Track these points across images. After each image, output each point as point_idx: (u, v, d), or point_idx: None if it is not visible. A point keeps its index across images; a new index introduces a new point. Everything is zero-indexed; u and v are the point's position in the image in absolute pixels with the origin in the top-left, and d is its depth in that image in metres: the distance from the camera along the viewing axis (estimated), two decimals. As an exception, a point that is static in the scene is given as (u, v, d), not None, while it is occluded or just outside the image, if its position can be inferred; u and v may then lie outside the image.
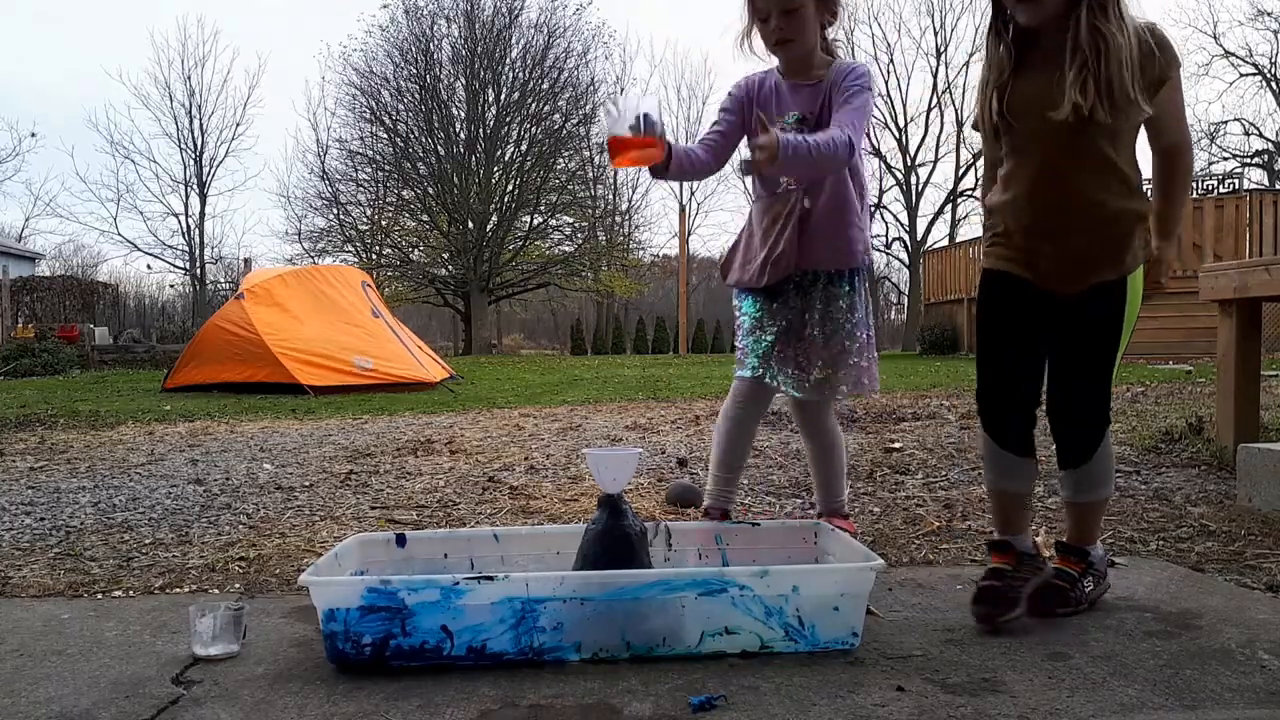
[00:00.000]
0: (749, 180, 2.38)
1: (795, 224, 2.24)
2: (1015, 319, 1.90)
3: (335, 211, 27.61)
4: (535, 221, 28.46)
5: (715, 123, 2.32)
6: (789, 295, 2.31)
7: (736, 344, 2.42)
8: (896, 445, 4.19)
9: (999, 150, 1.91)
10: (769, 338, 2.31)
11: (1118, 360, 1.88)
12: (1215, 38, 28.13)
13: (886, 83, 30.61)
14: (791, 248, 2.25)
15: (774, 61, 2.32)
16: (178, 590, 2.19)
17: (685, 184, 36.26)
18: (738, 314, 2.41)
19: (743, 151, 2.31)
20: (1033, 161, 1.82)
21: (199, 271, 28.61)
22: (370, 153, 27.46)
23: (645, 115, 1.96)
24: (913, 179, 30.59)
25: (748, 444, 2.45)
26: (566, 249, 28.92)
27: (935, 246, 25.79)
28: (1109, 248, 1.82)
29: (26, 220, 35.92)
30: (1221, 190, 13.99)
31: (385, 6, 27.65)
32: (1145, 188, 1.87)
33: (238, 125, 31.33)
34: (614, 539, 1.80)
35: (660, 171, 2.07)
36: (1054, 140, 1.77)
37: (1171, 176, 1.87)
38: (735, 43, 2.29)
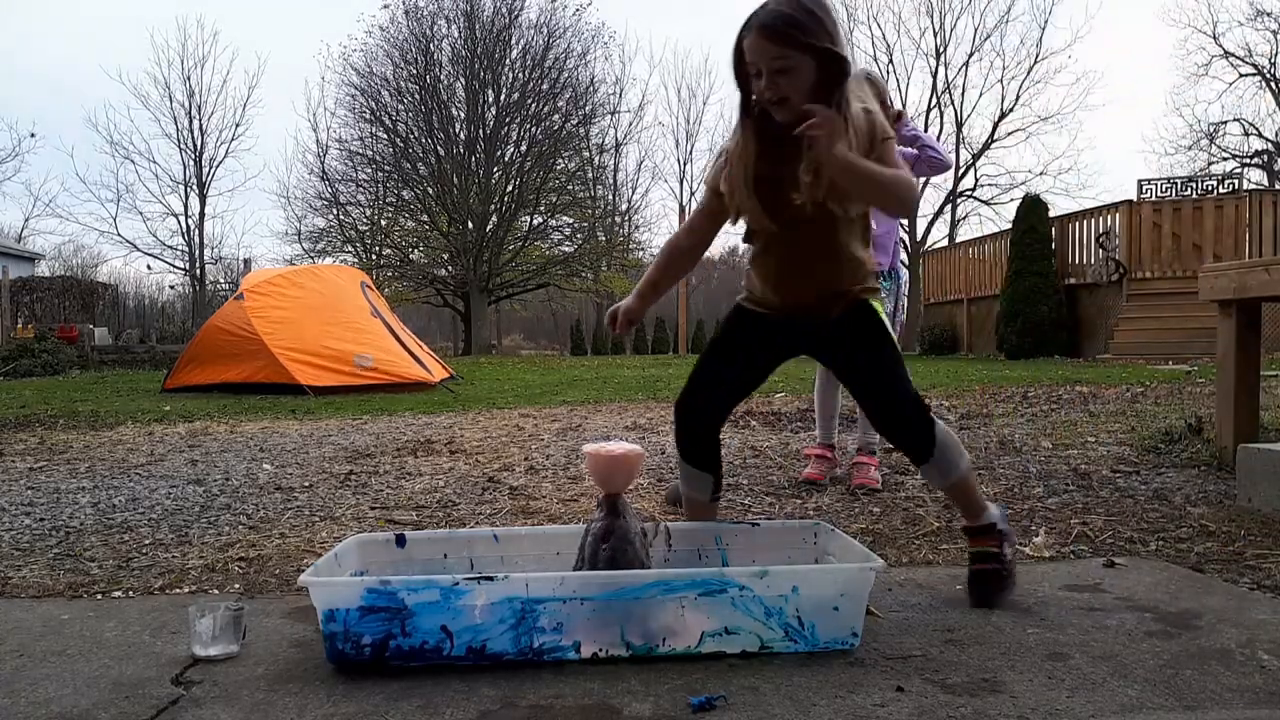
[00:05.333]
0: None
1: None
2: None
3: (335, 212, 27.62)
4: (535, 222, 28.47)
5: None
6: None
7: None
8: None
9: None
10: None
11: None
12: (1215, 38, 28.11)
13: (886, 83, 30.59)
14: None
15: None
16: (177, 590, 2.19)
17: (684, 183, 36.26)
18: None
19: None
20: None
21: (199, 272, 28.63)
22: (370, 153, 27.47)
23: None
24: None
25: (834, 398, 3.57)
26: (566, 249, 28.93)
27: (935, 247, 25.79)
28: None
29: (26, 220, 35.93)
30: (1221, 190, 13.98)
31: (385, 6, 27.77)
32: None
33: (237, 126, 31.46)
34: (614, 539, 1.80)
35: None
36: None
37: None
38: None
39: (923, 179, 3.55)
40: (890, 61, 29.58)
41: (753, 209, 1.94)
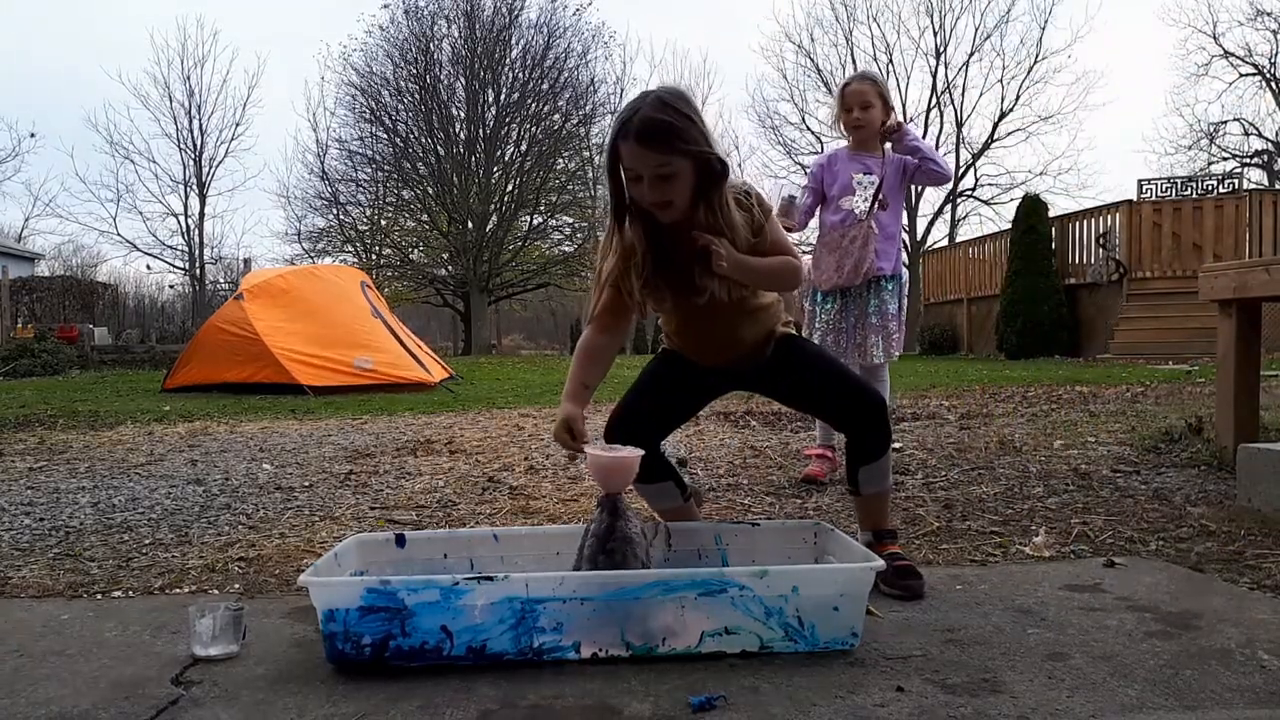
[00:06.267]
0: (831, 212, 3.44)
1: (870, 244, 3.32)
2: None
3: (335, 211, 27.58)
4: (535, 221, 28.43)
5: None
6: (852, 296, 3.40)
7: (812, 333, 3.47)
8: (896, 445, 4.19)
9: None
10: (843, 325, 3.41)
11: None
12: (1215, 38, 28.02)
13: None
14: (870, 259, 3.33)
15: (842, 140, 3.47)
16: (177, 590, 2.19)
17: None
18: (814, 311, 3.48)
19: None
20: None
21: (199, 272, 28.59)
22: (370, 153, 27.44)
23: (791, 197, 3.31)
24: (912, 179, 30.43)
25: None
26: (566, 249, 28.89)
27: (935, 246, 25.77)
28: None
29: (26, 220, 35.86)
30: (1221, 190, 13.98)
31: (385, 6, 27.62)
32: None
33: (237, 125, 31.28)
34: (614, 539, 1.80)
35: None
36: None
37: None
38: (831, 125, 3.27)
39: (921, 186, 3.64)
40: (890, 61, 29.50)
41: (665, 300, 2.02)
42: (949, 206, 29.68)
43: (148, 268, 34.51)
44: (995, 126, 29.20)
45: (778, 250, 2.02)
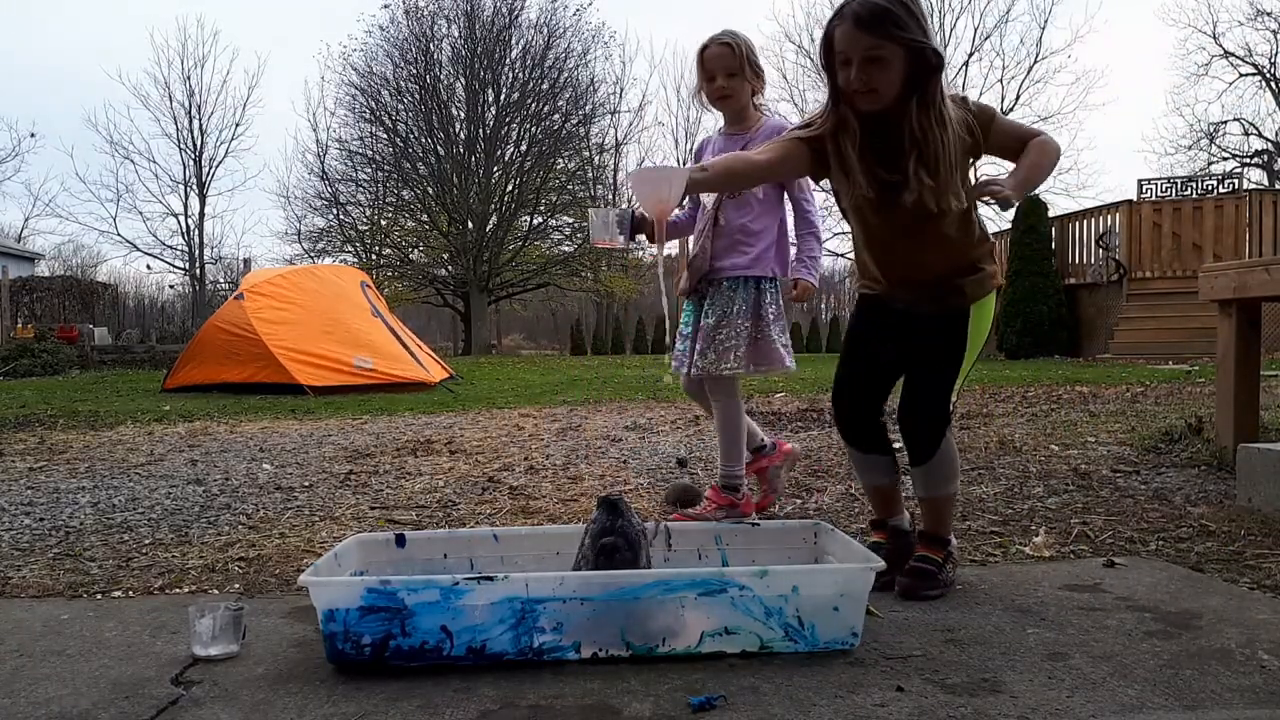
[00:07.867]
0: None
1: (703, 239, 2.68)
2: None
3: (335, 211, 27.59)
4: (535, 221, 28.44)
5: None
6: (707, 298, 2.69)
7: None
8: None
9: None
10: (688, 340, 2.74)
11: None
12: (1215, 38, 28.02)
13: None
14: (705, 253, 2.67)
15: (719, 119, 2.80)
16: (177, 590, 2.19)
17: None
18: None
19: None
20: None
21: (199, 272, 28.59)
22: (370, 153, 27.44)
23: (621, 213, 2.36)
24: (912, 179, 30.43)
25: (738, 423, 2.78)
26: (566, 249, 28.89)
27: (935, 246, 25.75)
28: None
29: (26, 220, 35.85)
30: (1221, 190, 13.98)
31: (385, 6, 27.65)
32: None
33: (237, 125, 31.28)
34: (614, 539, 1.80)
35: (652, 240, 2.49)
36: None
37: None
38: (691, 97, 3.15)
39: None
40: (890, 61, 29.50)
41: (850, 186, 1.95)
42: (949, 206, 29.66)
43: (148, 268, 34.52)
44: (995, 126, 29.18)
45: (1021, 139, 1.97)
